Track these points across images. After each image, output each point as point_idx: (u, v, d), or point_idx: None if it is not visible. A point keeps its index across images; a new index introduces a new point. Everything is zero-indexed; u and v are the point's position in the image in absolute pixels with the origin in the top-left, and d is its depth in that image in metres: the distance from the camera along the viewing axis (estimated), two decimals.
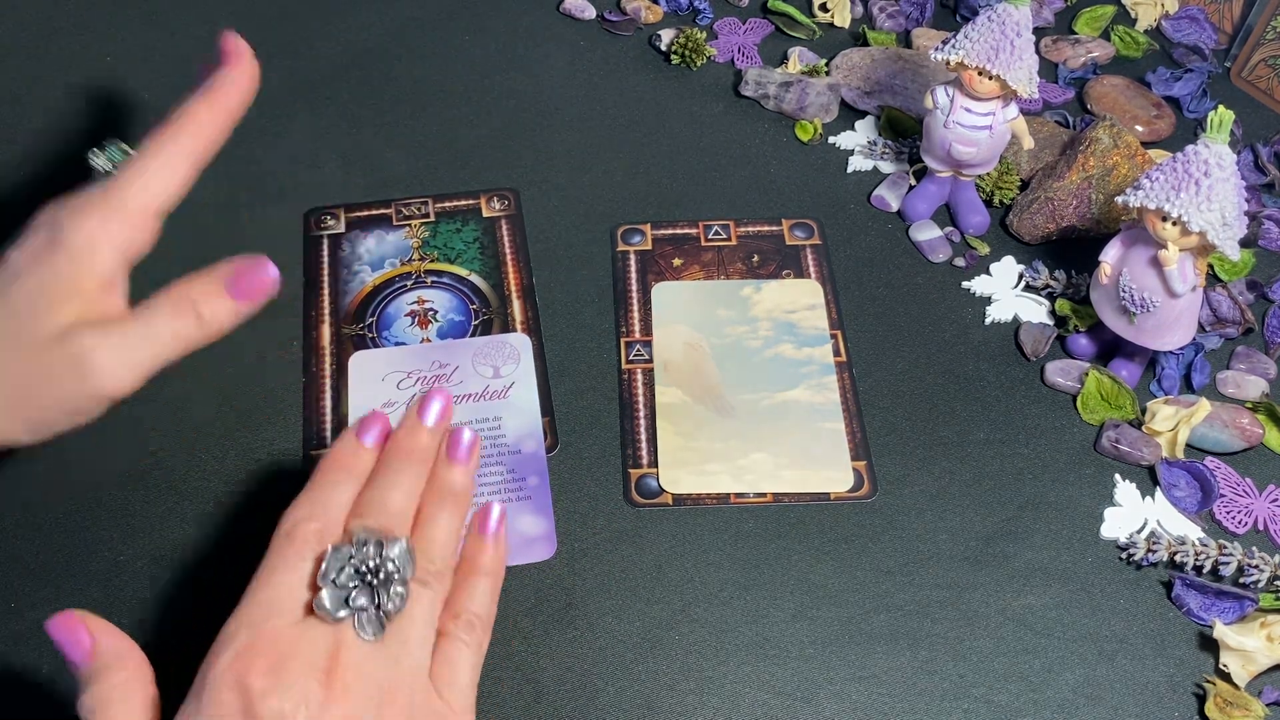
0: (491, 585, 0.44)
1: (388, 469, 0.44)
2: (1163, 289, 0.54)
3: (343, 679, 0.38)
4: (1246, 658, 0.49)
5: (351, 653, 0.38)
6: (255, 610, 0.39)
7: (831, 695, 0.50)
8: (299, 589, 0.39)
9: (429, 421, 0.45)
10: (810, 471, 0.56)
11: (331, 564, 0.39)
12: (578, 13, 0.78)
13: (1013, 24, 0.58)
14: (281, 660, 0.37)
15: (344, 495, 0.43)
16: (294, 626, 0.38)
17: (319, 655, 0.38)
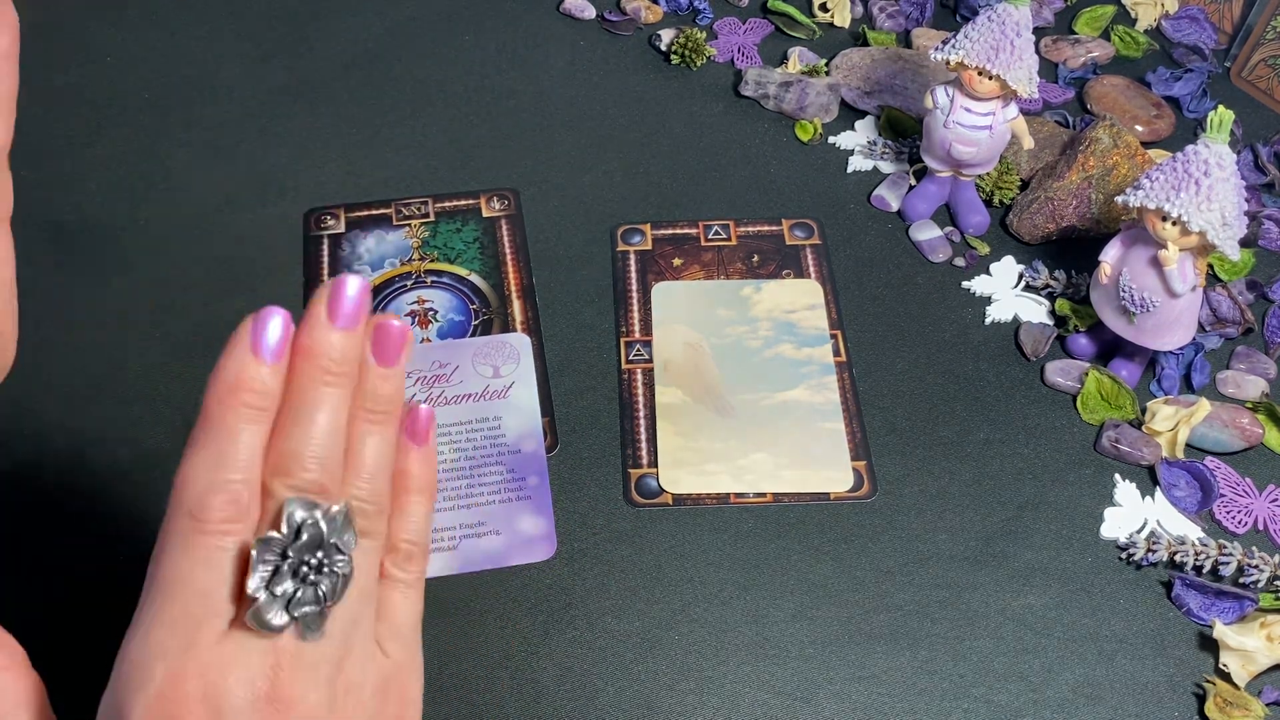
0: (426, 503, 0.37)
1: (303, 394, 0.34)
2: (1163, 289, 0.54)
3: (288, 693, 0.31)
4: (1246, 657, 0.49)
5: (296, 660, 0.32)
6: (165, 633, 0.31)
7: (831, 695, 0.49)
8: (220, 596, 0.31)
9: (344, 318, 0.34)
10: (810, 471, 0.56)
11: (261, 563, 0.31)
12: (578, 13, 0.78)
13: (1013, 24, 0.58)
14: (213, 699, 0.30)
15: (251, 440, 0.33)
16: (220, 645, 0.31)
17: (256, 674, 0.31)
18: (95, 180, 0.68)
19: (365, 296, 0.34)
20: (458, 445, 0.56)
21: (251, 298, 0.62)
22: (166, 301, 0.62)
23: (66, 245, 0.65)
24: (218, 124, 0.71)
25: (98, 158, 0.69)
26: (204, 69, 0.75)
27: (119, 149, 0.70)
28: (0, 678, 0.35)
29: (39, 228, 0.66)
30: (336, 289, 0.33)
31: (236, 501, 0.32)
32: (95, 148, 0.70)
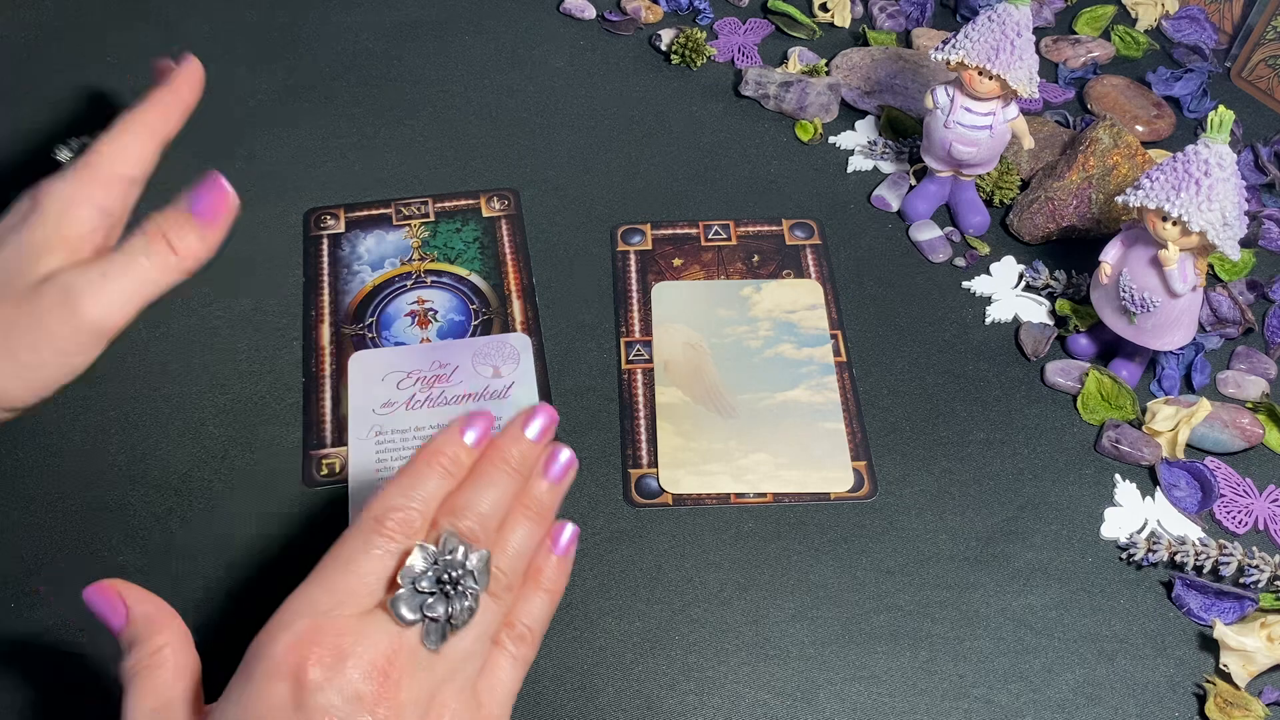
0: (550, 602, 0.44)
1: (485, 472, 0.44)
2: (1163, 289, 0.54)
3: (396, 682, 0.38)
4: (1246, 658, 0.49)
5: (410, 657, 0.38)
6: (323, 595, 0.39)
7: (831, 695, 0.49)
8: (375, 582, 0.39)
9: (532, 434, 0.45)
10: (810, 471, 0.56)
11: (416, 565, 0.39)
12: (578, 13, 0.78)
13: (1013, 24, 0.58)
14: (341, 654, 0.37)
15: (438, 488, 0.42)
16: (359, 618, 0.38)
17: (379, 655, 0.38)
18: None
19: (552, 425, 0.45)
20: None
21: (251, 298, 0.62)
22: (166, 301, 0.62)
23: None
24: (218, 124, 0.71)
25: None
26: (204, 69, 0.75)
27: None
28: (163, 652, 0.40)
29: None
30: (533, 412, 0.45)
31: (410, 521, 0.40)
32: None
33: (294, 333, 0.61)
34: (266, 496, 0.55)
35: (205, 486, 0.55)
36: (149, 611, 0.41)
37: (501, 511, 0.43)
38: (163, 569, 0.53)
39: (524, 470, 0.45)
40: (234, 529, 0.54)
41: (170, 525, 0.54)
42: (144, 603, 0.41)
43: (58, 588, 0.52)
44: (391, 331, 0.61)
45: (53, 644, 0.50)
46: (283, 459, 0.56)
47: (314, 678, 0.37)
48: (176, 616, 0.42)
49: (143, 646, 0.40)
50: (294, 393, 0.59)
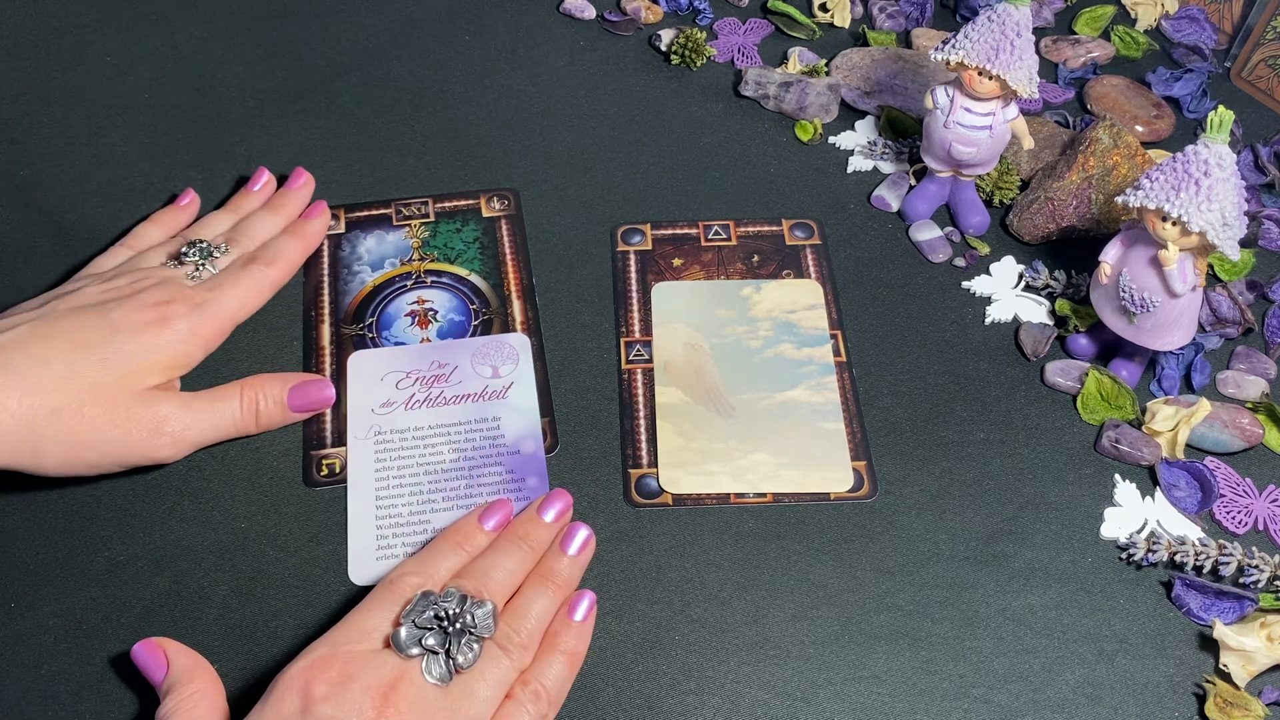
0: (568, 665, 0.47)
1: (498, 548, 0.49)
2: (1163, 289, 0.54)
3: (396, 706, 0.41)
4: (1246, 658, 0.49)
5: (411, 687, 0.42)
6: (339, 634, 0.44)
7: (831, 695, 0.50)
8: (383, 624, 0.44)
9: (548, 517, 0.51)
10: (810, 471, 0.56)
11: (417, 605, 0.44)
12: (578, 13, 0.78)
13: (1013, 24, 0.58)
14: (346, 676, 0.42)
15: (452, 563, 0.48)
16: (368, 653, 0.43)
17: (381, 680, 0.42)
18: (95, 180, 0.68)
19: (568, 510, 0.52)
20: (457, 446, 0.56)
21: None
22: None
23: (67, 245, 0.65)
24: (218, 124, 0.71)
25: (98, 158, 0.69)
26: (204, 69, 0.75)
27: (119, 149, 0.70)
28: (195, 697, 0.45)
29: (39, 228, 0.66)
30: (550, 497, 0.51)
31: (421, 585, 0.46)
32: (95, 148, 0.70)
33: (294, 333, 0.61)
34: (266, 496, 0.55)
35: (205, 486, 0.55)
36: (187, 664, 0.46)
37: (514, 579, 0.48)
38: (163, 569, 0.53)
39: (537, 548, 0.49)
40: (234, 529, 0.54)
41: (170, 525, 0.54)
42: (183, 656, 0.47)
43: (59, 588, 0.52)
44: (391, 331, 0.61)
45: (53, 644, 0.50)
46: (283, 459, 0.56)
47: (319, 693, 0.41)
48: (210, 668, 0.47)
49: (179, 692, 0.45)
50: None
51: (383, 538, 0.53)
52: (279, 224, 0.62)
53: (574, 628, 0.48)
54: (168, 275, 0.56)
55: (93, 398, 0.50)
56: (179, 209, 0.64)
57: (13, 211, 0.67)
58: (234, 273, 0.58)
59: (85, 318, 0.52)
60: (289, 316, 0.61)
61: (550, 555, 0.50)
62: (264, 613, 0.51)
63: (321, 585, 0.52)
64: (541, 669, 0.46)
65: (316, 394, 0.56)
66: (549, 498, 0.51)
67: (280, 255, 0.60)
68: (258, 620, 0.51)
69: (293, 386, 0.56)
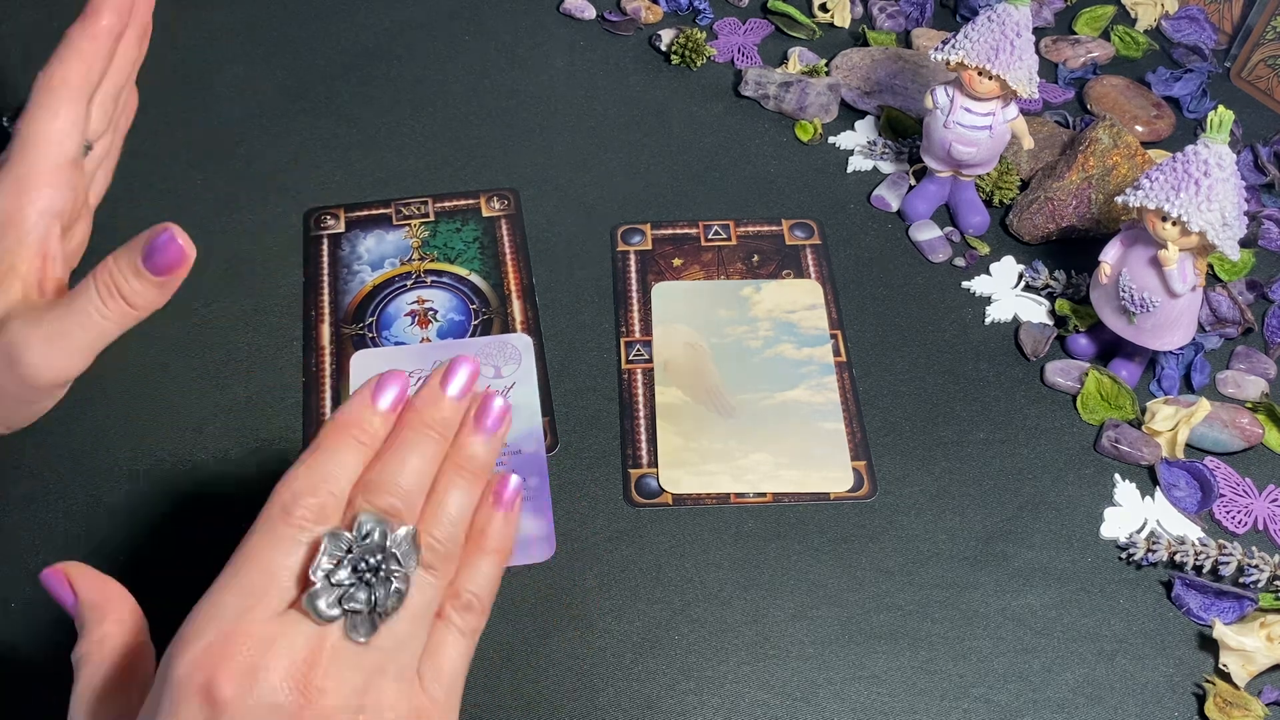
0: (497, 564, 0.40)
1: (403, 440, 0.39)
2: (1163, 289, 0.54)
3: (320, 684, 0.34)
4: (1246, 657, 0.49)
5: (335, 655, 0.35)
6: (232, 598, 0.35)
7: (831, 695, 0.50)
8: (286, 578, 0.35)
9: (453, 391, 0.40)
10: (810, 471, 0.56)
11: (328, 555, 0.35)
12: (578, 13, 0.78)
13: (1013, 24, 0.58)
14: (254, 662, 0.34)
15: (351, 464, 0.38)
16: (273, 620, 0.34)
17: (297, 656, 0.34)
18: None
19: (474, 377, 0.41)
20: None
21: (251, 298, 0.63)
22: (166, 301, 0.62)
23: None
24: (218, 124, 0.71)
25: None
26: (204, 69, 0.75)
27: None
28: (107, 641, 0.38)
29: None
30: (452, 366, 0.41)
31: (323, 507, 0.36)
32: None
33: (294, 333, 0.61)
34: (266, 496, 0.55)
35: (205, 486, 0.55)
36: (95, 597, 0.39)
37: (427, 479, 0.39)
38: (163, 570, 0.53)
39: (448, 431, 0.40)
40: (234, 529, 0.54)
41: (170, 525, 0.54)
42: (92, 588, 0.39)
43: None
44: (391, 331, 0.61)
45: (53, 644, 0.50)
46: (283, 459, 0.56)
47: (226, 695, 0.33)
48: (127, 597, 0.40)
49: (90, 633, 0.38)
50: (294, 393, 0.59)
51: None
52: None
53: (499, 520, 0.41)
54: None
55: None
56: None
57: None
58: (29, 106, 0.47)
59: None
60: (289, 316, 0.61)
61: (462, 436, 0.40)
62: None
63: None
64: (469, 575, 0.39)
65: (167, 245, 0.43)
66: (451, 366, 0.41)
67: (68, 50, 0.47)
68: None
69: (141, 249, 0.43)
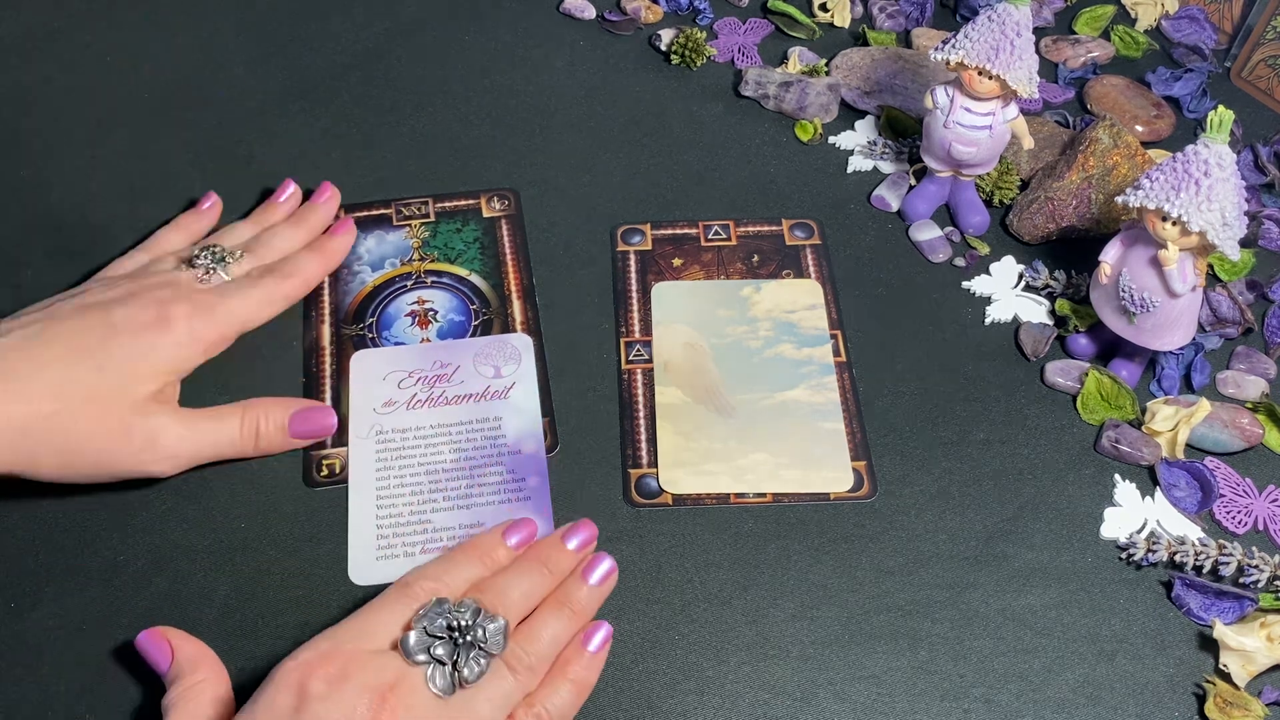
0: (575, 693, 0.46)
1: (518, 567, 0.48)
2: (1163, 289, 0.54)
3: (393, 709, 0.41)
4: (1246, 658, 0.49)
5: (411, 693, 0.41)
6: (344, 630, 0.43)
7: (831, 695, 0.50)
8: (392, 626, 0.43)
9: (572, 545, 0.49)
10: (810, 471, 0.56)
11: (430, 612, 0.43)
12: (578, 13, 0.78)
13: (1013, 24, 0.58)
14: (345, 674, 0.41)
15: (470, 574, 0.47)
16: (371, 652, 0.42)
17: (381, 681, 0.41)
18: (95, 180, 0.68)
19: (592, 539, 0.50)
20: (458, 446, 0.56)
21: None
22: None
23: (66, 245, 0.65)
24: (218, 124, 0.71)
25: (98, 158, 0.69)
26: (204, 69, 0.75)
27: (119, 149, 0.70)
28: (201, 685, 0.45)
29: (39, 228, 0.65)
30: (576, 525, 0.50)
31: (436, 591, 0.45)
32: (95, 148, 0.70)
33: (294, 333, 0.61)
34: (266, 496, 0.55)
35: (205, 486, 0.55)
36: (192, 653, 0.46)
37: (529, 603, 0.47)
38: (163, 570, 0.53)
39: (558, 574, 0.48)
40: (234, 529, 0.54)
41: (170, 525, 0.54)
42: (188, 645, 0.47)
43: (59, 588, 0.52)
44: (391, 332, 0.61)
45: (53, 644, 0.50)
46: (283, 459, 0.56)
47: (315, 690, 0.40)
48: (214, 656, 0.47)
49: (184, 680, 0.45)
50: (294, 393, 0.59)
51: (383, 538, 0.53)
52: (301, 239, 0.62)
53: (586, 657, 0.47)
54: (175, 278, 0.56)
55: (88, 407, 0.50)
56: (200, 213, 0.63)
57: (13, 211, 0.67)
58: (246, 282, 0.57)
59: (87, 319, 0.52)
60: (289, 316, 0.61)
61: (570, 582, 0.48)
62: (264, 613, 0.51)
63: (321, 585, 0.52)
64: (547, 694, 0.45)
65: (319, 421, 0.55)
66: (575, 526, 0.50)
67: (298, 270, 0.59)
68: (258, 620, 0.51)
69: (295, 412, 0.55)
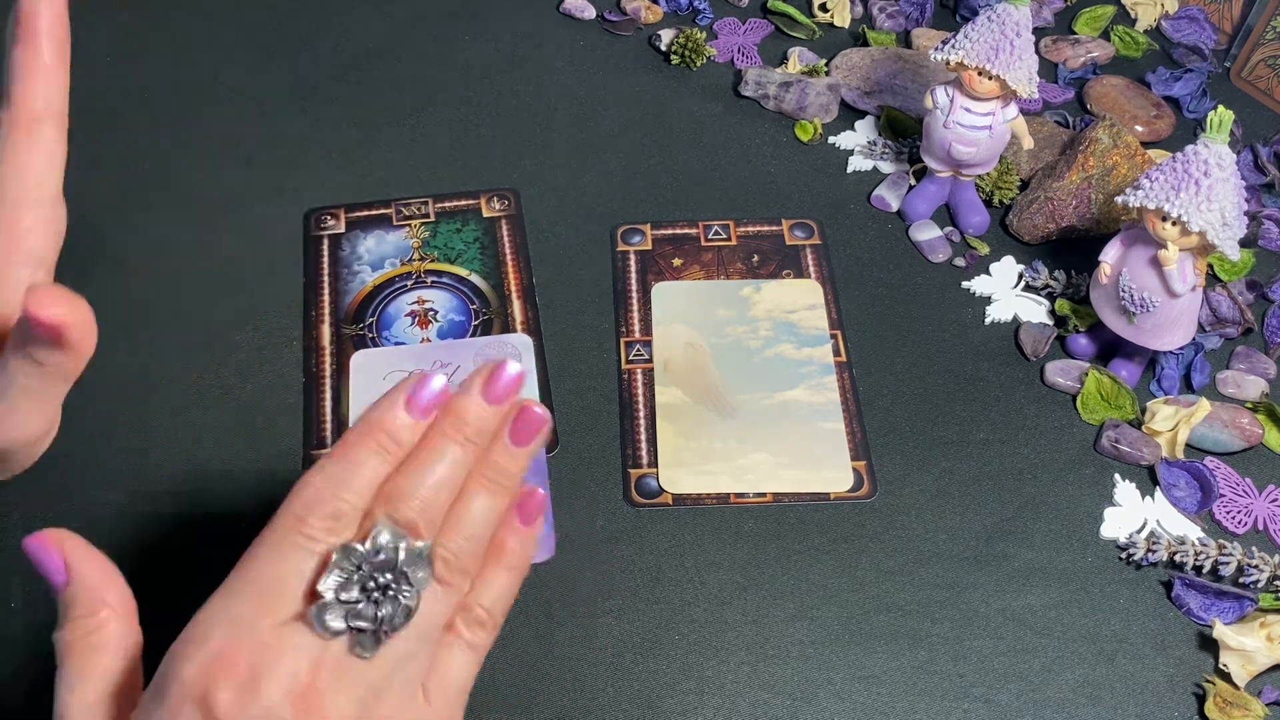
0: (514, 580, 0.39)
1: (432, 447, 0.37)
2: (1163, 289, 0.54)
3: (319, 702, 0.33)
4: (1246, 657, 0.49)
5: (337, 671, 0.34)
6: (238, 603, 0.34)
7: (831, 695, 0.50)
8: (295, 588, 0.34)
9: (492, 396, 0.37)
10: (810, 471, 0.56)
11: (338, 570, 0.34)
12: (578, 13, 0.78)
13: (1012, 24, 0.58)
14: (255, 675, 0.33)
15: (373, 473, 0.36)
16: (277, 630, 0.34)
17: (300, 671, 0.33)
18: (95, 180, 0.68)
19: (519, 383, 0.38)
20: None
21: (251, 298, 0.63)
22: (166, 301, 0.62)
23: (66, 245, 0.64)
24: (218, 124, 0.71)
25: (98, 158, 0.69)
26: (204, 69, 0.75)
27: (119, 149, 0.70)
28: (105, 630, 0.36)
29: None
30: (496, 370, 0.37)
31: (339, 516, 0.35)
32: (95, 148, 0.70)
33: (294, 333, 0.61)
34: (267, 497, 0.55)
35: (205, 486, 0.55)
36: (91, 574, 0.37)
37: (451, 490, 0.37)
38: (163, 570, 0.53)
39: (480, 439, 0.37)
40: (234, 529, 0.54)
41: (170, 525, 0.54)
42: (88, 562, 0.37)
43: None
44: (391, 332, 0.61)
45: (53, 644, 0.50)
46: (283, 459, 0.56)
47: (224, 704, 0.32)
48: (120, 580, 0.37)
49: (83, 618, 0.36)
50: (294, 393, 0.59)
51: None
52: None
53: (521, 535, 0.39)
54: None
55: None
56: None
57: None
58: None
59: None
60: (289, 316, 0.61)
61: (495, 444, 0.38)
62: None
63: None
64: (483, 590, 0.38)
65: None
66: (496, 370, 0.38)
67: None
68: None
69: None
